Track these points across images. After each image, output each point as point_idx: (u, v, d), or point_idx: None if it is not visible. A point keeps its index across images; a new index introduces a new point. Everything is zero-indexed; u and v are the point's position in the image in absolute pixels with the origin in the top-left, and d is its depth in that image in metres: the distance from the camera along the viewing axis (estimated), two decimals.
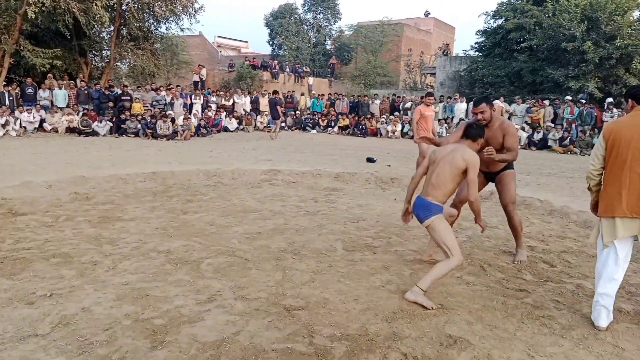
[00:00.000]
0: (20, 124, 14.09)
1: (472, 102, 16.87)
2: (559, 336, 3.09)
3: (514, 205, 4.59)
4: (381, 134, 18.03)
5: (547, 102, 16.77)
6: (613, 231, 3.18)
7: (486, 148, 4.12)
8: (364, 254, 4.58)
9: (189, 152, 11.79)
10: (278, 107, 15.76)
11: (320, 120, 19.49)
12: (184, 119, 15.25)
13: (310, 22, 35.02)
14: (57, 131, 14.78)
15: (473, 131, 3.80)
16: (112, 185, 7.43)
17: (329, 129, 19.06)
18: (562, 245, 5.17)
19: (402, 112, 19.11)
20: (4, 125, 13.49)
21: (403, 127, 18.15)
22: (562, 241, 5.32)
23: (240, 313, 3.25)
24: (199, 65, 26.34)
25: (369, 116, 18.61)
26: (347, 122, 18.77)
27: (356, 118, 18.71)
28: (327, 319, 3.22)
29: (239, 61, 27.99)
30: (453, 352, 2.84)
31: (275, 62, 27.39)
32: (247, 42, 48.03)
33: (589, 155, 14.00)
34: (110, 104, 15.62)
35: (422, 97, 8.98)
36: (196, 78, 25.40)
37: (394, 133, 17.76)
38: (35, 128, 14.52)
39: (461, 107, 17.89)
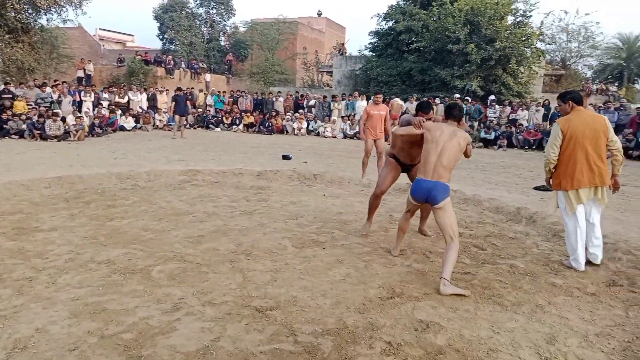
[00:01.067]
0: None
1: (395, 99, 17.66)
2: (512, 312, 3.41)
3: None
4: (287, 132, 18.13)
5: (437, 100, 18.02)
6: (578, 199, 4.23)
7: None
8: (314, 250, 4.63)
9: (89, 153, 10.92)
10: (188, 102, 15.27)
11: (224, 118, 19.08)
12: (76, 117, 14.05)
13: (203, 17, 34.05)
14: None
15: (457, 112, 4.23)
16: (14, 192, 6.68)
17: (234, 126, 18.75)
18: (484, 230, 5.65)
19: (306, 110, 19.38)
20: None
21: (308, 124, 18.42)
22: (484, 226, 5.82)
23: (213, 319, 3.15)
24: (83, 59, 24.41)
25: (274, 114, 18.61)
26: (252, 119, 18.60)
27: (261, 116, 18.61)
28: (303, 316, 3.23)
29: (129, 56, 26.36)
30: (430, 336, 3.01)
31: (170, 57, 26.23)
32: (132, 35, 45.43)
33: (478, 147, 15.36)
34: None
35: (374, 95, 9.00)
36: (81, 73, 23.51)
37: (300, 130, 17.96)
38: None
39: (362, 105, 18.56)
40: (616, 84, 25.64)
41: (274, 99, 19.80)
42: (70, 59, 25.25)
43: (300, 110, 19.27)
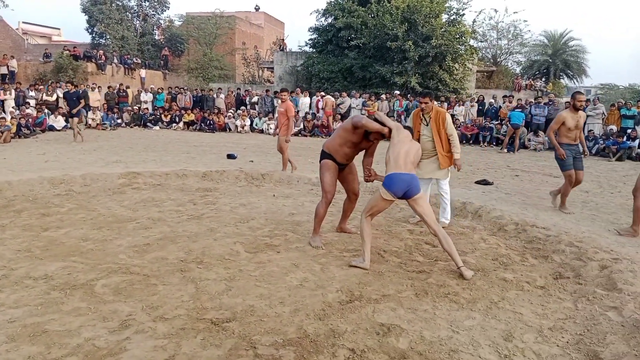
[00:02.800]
0: None
1: (328, 97, 17.57)
2: (468, 310, 3.47)
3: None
4: (230, 129, 17.77)
5: (384, 96, 18.27)
6: None
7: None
8: (269, 254, 4.52)
9: (17, 156, 10.18)
10: (82, 101, 13.38)
11: (162, 115, 18.41)
12: (1, 118, 13.06)
13: (135, 10, 32.67)
14: None
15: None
16: None
17: (174, 124, 18.13)
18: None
19: (249, 107, 19.07)
20: None
21: (252, 121, 18.14)
22: None
23: (166, 335, 2.97)
24: (5, 55, 22.77)
25: (215, 111, 18.16)
26: (192, 117, 18.06)
27: (202, 113, 18.11)
28: (261, 326, 3.13)
29: (56, 51, 24.83)
30: (392, 340, 2.99)
31: (101, 52, 24.96)
32: (59, 29, 42.97)
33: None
34: None
35: (280, 91, 9.30)
36: (4, 70, 21.92)
37: (243, 128, 17.64)
38: None
39: (305, 101, 18.53)
40: (543, 79, 27.06)
41: (215, 95, 19.33)
42: None
43: (243, 107, 18.93)
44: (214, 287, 3.71)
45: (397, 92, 18.99)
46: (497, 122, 16.10)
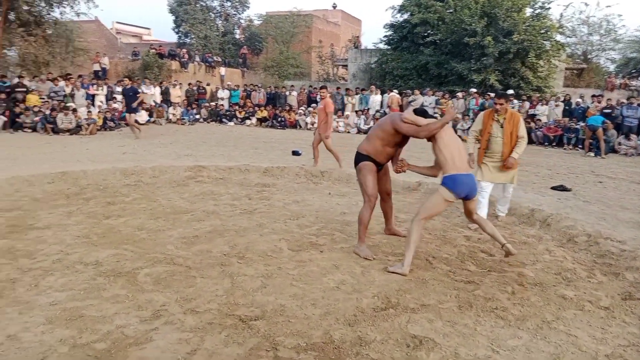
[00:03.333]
0: None
1: (392, 94, 17.27)
2: (515, 328, 3.17)
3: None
4: (300, 126, 17.94)
5: (460, 94, 17.57)
6: None
7: None
8: (311, 253, 4.44)
9: (99, 148, 10.89)
10: (139, 96, 13.51)
11: (237, 112, 18.96)
12: (88, 111, 14.06)
13: (217, 10, 33.96)
14: None
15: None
16: (17, 188, 6.62)
17: (247, 120, 18.62)
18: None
19: (319, 104, 19.12)
20: None
21: None
22: None
23: (193, 329, 2.98)
24: (98, 53, 24.50)
25: (287, 108, 18.42)
26: (265, 113, 18.44)
27: (274, 110, 18.43)
28: (288, 327, 3.05)
29: (144, 49, 26.40)
30: (422, 354, 2.80)
31: (184, 50, 26.19)
32: (149, 29, 45.72)
33: None
34: (3, 96, 13.98)
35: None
36: (97, 67, 23.60)
37: (312, 125, 17.72)
38: None
39: (376, 99, 18.29)
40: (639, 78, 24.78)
41: (287, 93, 19.59)
42: (86, 53, 25.36)
43: (314, 105, 19.02)
44: (250, 284, 3.68)
45: (474, 90, 18.19)
46: (584, 124, 14.92)
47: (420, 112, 4.41)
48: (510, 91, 17.54)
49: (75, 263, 3.96)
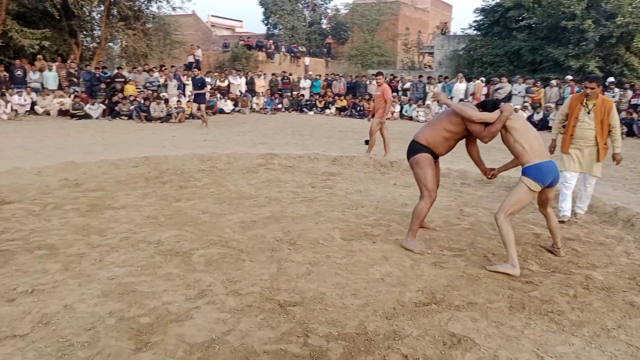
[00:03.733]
0: (12, 107, 13.75)
1: (477, 82, 16.52)
2: (569, 334, 2.93)
3: None
4: None
5: (554, 82, 16.38)
6: None
7: None
8: (363, 243, 4.39)
9: (184, 135, 11.53)
10: (206, 87, 13.70)
11: (317, 101, 19.16)
12: (177, 100, 14.93)
13: (305, 1, 34.41)
14: (49, 114, 14.47)
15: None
16: (104, 170, 7.21)
17: (327, 110, 18.75)
18: (569, 232, 4.98)
19: (400, 93, 18.80)
20: None
21: (402, 108, 17.86)
22: (569, 228, 5.14)
23: (232, 310, 3.07)
24: (192, 45, 25.84)
25: (366, 97, 18.28)
26: (344, 103, 18.46)
27: (353, 99, 18.38)
28: (324, 315, 3.04)
29: (233, 41, 27.48)
30: (457, 353, 2.67)
31: (271, 41, 26.91)
32: (241, 21, 47.40)
33: None
34: (103, 85, 15.26)
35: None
36: (191, 59, 24.93)
37: (392, 114, 17.45)
38: (26, 111, 14.18)
39: (460, 87, 17.57)
40: None
41: (368, 82, 19.43)
42: (182, 45, 26.97)
43: (394, 94, 18.70)
44: (295, 270, 3.73)
45: (570, 77, 16.86)
46: None
47: (492, 104, 4.17)
48: (611, 79, 16.07)
49: (140, 242, 4.24)
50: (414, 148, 4.40)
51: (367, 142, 10.81)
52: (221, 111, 17.50)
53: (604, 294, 3.49)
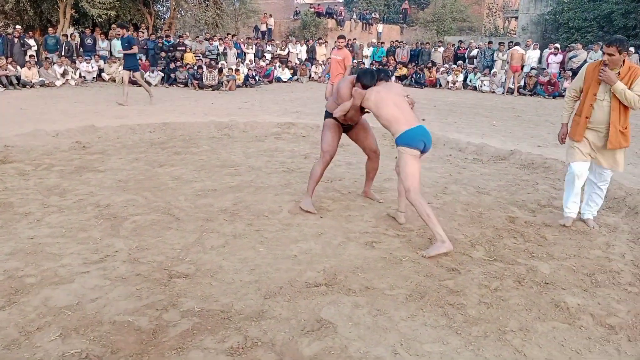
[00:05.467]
0: (80, 73, 14.79)
1: (514, 49, 15.10)
2: (452, 331, 2.58)
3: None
4: (440, 85, 16.81)
5: (632, 49, 14.47)
6: None
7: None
8: (308, 217, 4.19)
9: (224, 103, 11.71)
10: (133, 47, 10.53)
11: None
12: (228, 68, 15.17)
13: None
14: (114, 81, 15.37)
15: (383, 76, 4.11)
16: (119, 135, 7.52)
17: None
18: (551, 216, 4.40)
19: (467, 61, 17.62)
20: (63, 75, 14.24)
21: (466, 77, 16.76)
22: (553, 212, 4.53)
23: (116, 278, 3.06)
24: (265, 14, 26.02)
25: (428, 65, 17.37)
26: (404, 71, 17.70)
27: (414, 67, 17.55)
28: (202, 290, 2.94)
29: (304, 9, 27.26)
30: (305, 340, 2.46)
31: (342, 8, 26.31)
32: None
33: None
34: (163, 54, 15.87)
35: (337, 39, 9.10)
36: (263, 27, 25.18)
37: (454, 84, 16.47)
38: (93, 78, 15.18)
39: (533, 55, 16.08)
40: None
41: (432, 49, 18.41)
42: (257, 14, 27.30)
43: (460, 62, 17.59)
44: (213, 241, 3.64)
45: None
46: None
47: (370, 76, 4.05)
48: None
49: (89, 205, 4.36)
50: (325, 115, 4.48)
51: None
52: (278, 79, 17.55)
53: (535, 290, 3.04)
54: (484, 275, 3.21)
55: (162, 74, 15.20)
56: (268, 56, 18.64)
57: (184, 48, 16.50)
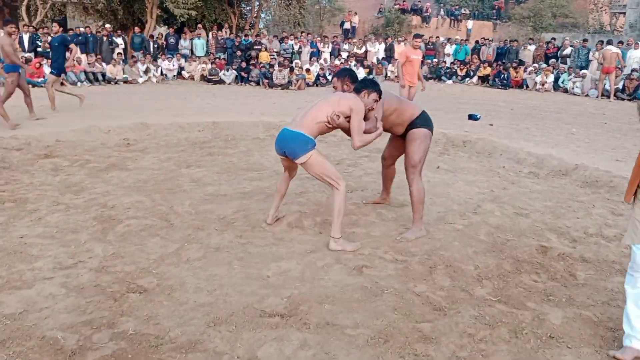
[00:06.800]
0: (161, 71, 15.52)
1: (607, 48, 13.46)
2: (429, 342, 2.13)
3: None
4: (527, 86, 15.49)
5: None
6: None
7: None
8: (305, 232, 3.87)
9: (286, 102, 11.62)
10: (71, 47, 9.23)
11: (458, 69, 17.51)
12: (299, 67, 15.09)
13: None
14: (193, 78, 15.95)
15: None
16: (167, 133, 7.64)
17: (467, 79, 17.04)
18: (579, 248, 3.67)
19: (559, 60, 16.09)
20: (146, 72, 15.01)
21: (558, 78, 15.29)
22: (587, 243, 3.78)
23: (75, 287, 2.95)
24: (350, 11, 25.75)
25: (514, 64, 16.07)
26: (487, 71, 16.53)
27: (499, 67, 16.33)
28: (150, 309, 2.73)
29: (389, 5, 26.58)
30: None
31: (428, 4, 25.29)
32: None
33: None
34: (238, 52, 16.19)
35: (413, 38, 8.88)
36: (347, 26, 24.94)
37: (542, 85, 15.08)
38: (174, 75, 15.85)
39: (635, 55, 14.28)
40: None
41: (521, 47, 17.01)
42: (342, 12, 27.15)
43: (553, 60, 16.08)
44: (191, 253, 3.43)
45: None
46: None
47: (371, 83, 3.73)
48: None
49: (96, 205, 4.34)
50: (417, 124, 4.07)
51: (471, 117, 9.58)
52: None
53: (531, 346, 2.46)
54: (474, 320, 2.68)
55: (236, 73, 15.49)
56: (344, 55, 18.35)
57: (260, 47, 16.71)
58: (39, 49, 14.33)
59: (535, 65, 15.97)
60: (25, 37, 13.95)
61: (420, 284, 3.09)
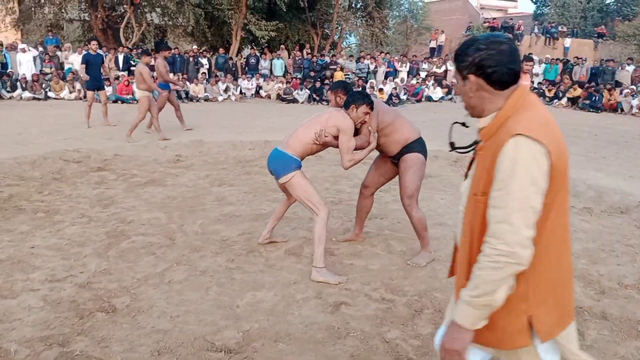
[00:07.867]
0: (240, 90, 16.17)
1: None
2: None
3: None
4: (622, 110, 14.05)
5: None
6: None
7: None
8: (299, 260, 3.72)
9: None
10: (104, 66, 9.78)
11: (547, 90, 16.35)
12: (371, 87, 14.94)
13: None
14: (270, 97, 16.43)
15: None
16: (219, 150, 7.85)
17: (556, 100, 15.84)
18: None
19: None
20: (225, 91, 15.72)
21: None
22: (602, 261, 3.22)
23: (52, 301, 3.05)
24: (437, 30, 25.21)
25: (608, 86, 14.68)
26: (578, 93, 15.25)
27: (590, 88, 15.00)
28: (108, 331, 2.75)
29: (478, 23, 25.62)
30: None
31: (520, 22, 24.01)
32: (516, 1, 43.81)
33: None
34: (312, 73, 16.41)
35: (523, 61, 7.34)
36: (433, 45, 24.44)
37: (639, 109, 13.61)
38: (252, 94, 16.44)
39: None
40: None
41: (618, 68, 15.51)
42: (429, 30, 26.68)
43: None
44: (175, 275, 3.43)
45: None
46: None
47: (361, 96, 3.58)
48: None
49: (115, 220, 4.52)
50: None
51: None
52: (429, 99, 16.73)
53: None
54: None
55: (309, 92, 15.70)
56: (423, 74, 17.93)
57: (335, 67, 16.83)
58: (133, 68, 15.59)
59: (633, 87, 14.45)
60: (120, 57, 15.22)
61: (395, 330, 2.81)
